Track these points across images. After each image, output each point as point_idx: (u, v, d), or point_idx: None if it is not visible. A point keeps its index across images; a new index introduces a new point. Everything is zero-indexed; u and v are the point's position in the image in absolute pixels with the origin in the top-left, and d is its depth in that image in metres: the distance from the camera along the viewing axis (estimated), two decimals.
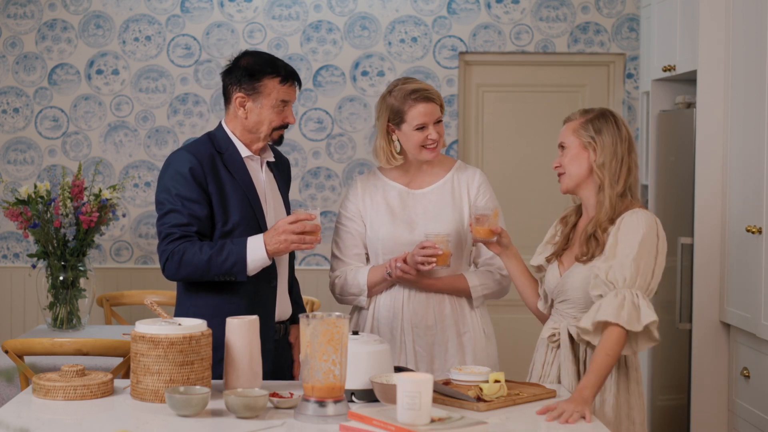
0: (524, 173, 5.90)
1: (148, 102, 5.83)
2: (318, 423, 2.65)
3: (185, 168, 3.21)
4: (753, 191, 4.31)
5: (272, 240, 3.15)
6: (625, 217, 3.07)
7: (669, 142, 5.19)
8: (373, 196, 3.55)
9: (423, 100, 3.45)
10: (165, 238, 3.21)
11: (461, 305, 3.52)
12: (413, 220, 3.50)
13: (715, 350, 4.66)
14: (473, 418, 2.64)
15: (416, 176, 3.56)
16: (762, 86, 4.21)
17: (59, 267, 4.70)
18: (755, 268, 4.26)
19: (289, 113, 3.31)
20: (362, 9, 5.82)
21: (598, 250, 3.09)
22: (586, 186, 3.17)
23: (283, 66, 3.33)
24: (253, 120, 3.28)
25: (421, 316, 3.47)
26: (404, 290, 3.48)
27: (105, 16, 5.81)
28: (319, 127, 5.84)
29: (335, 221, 3.64)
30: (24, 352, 3.74)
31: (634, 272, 2.99)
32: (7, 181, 5.73)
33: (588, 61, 5.91)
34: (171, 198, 3.21)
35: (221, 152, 3.28)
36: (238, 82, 3.29)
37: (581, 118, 3.18)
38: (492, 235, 3.30)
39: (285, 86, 3.29)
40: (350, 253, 3.55)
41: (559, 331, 3.18)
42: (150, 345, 2.84)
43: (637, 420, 3.12)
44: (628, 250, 3.01)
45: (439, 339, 3.47)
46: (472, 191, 3.54)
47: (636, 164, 3.16)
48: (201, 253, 3.16)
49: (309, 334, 2.65)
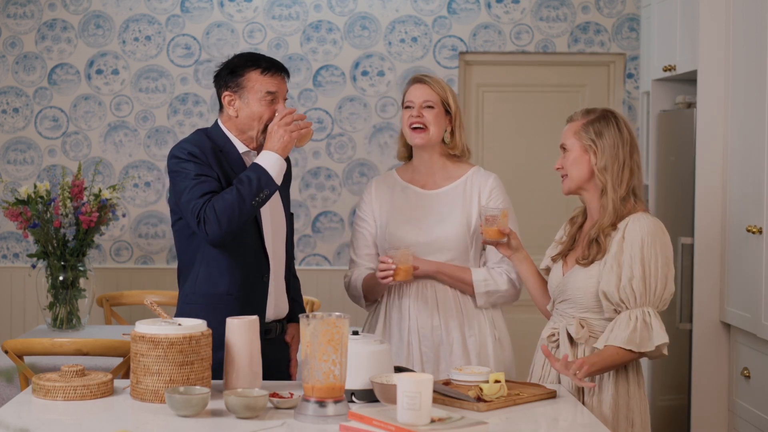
0: (524, 173, 5.90)
1: (148, 102, 5.83)
2: (318, 423, 2.65)
3: (193, 150, 3.21)
4: (753, 191, 4.31)
5: (274, 143, 3.19)
6: (628, 224, 3.06)
7: (669, 142, 5.19)
8: (384, 197, 3.57)
9: (415, 82, 3.53)
10: (193, 206, 3.16)
11: (466, 306, 3.50)
12: (420, 221, 3.51)
13: (716, 350, 4.66)
14: (473, 418, 2.64)
15: (431, 177, 3.56)
16: (762, 86, 4.21)
17: (59, 267, 4.70)
18: (755, 268, 4.25)
19: (280, 106, 3.27)
20: (362, 9, 5.82)
21: (599, 255, 3.09)
22: (589, 188, 3.17)
23: (265, 58, 3.30)
24: (244, 117, 3.26)
25: (427, 316, 3.46)
26: (412, 288, 3.48)
27: (105, 16, 5.81)
28: (319, 127, 5.83)
29: (354, 222, 3.67)
30: (24, 352, 3.74)
31: (643, 289, 3.01)
32: (7, 181, 5.73)
33: (588, 61, 5.91)
34: (187, 177, 3.19)
35: (221, 149, 3.27)
36: (224, 83, 3.29)
37: (582, 119, 3.16)
38: (501, 236, 3.30)
39: (267, 76, 3.25)
40: (362, 254, 3.58)
41: (558, 330, 3.18)
42: (150, 345, 2.84)
43: (637, 422, 3.11)
44: (635, 264, 3.02)
45: (445, 340, 3.47)
46: (484, 195, 3.52)
47: (639, 166, 3.14)
48: (228, 194, 3.13)
49: (309, 334, 2.65)
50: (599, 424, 2.75)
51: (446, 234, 3.47)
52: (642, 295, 3.01)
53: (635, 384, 3.13)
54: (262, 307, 3.29)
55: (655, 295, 3.02)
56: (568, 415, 2.89)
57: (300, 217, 5.84)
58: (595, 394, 3.09)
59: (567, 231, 3.29)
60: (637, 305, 3.01)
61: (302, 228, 5.83)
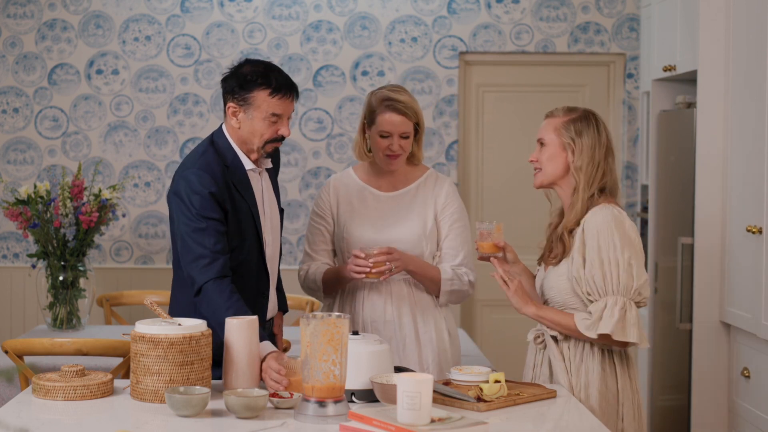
0: (524, 173, 5.88)
1: (148, 102, 5.83)
2: (318, 423, 2.65)
3: (205, 191, 3.14)
4: (753, 191, 4.31)
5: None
6: (587, 217, 3.11)
7: (669, 142, 5.19)
8: (343, 196, 3.61)
9: (392, 110, 3.48)
10: (199, 261, 3.12)
11: (422, 302, 3.55)
12: (376, 222, 3.56)
13: (716, 350, 4.66)
14: (473, 418, 2.64)
15: (387, 179, 3.61)
16: (762, 86, 4.21)
17: (59, 267, 4.70)
18: (755, 268, 4.25)
19: (282, 126, 3.21)
20: (362, 9, 5.81)
21: (566, 253, 3.12)
22: (562, 184, 3.22)
23: (277, 77, 3.20)
24: (245, 131, 3.22)
25: (380, 311, 3.51)
26: (365, 285, 3.52)
27: (105, 16, 5.81)
28: (319, 127, 5.83)
29: (310, 218, 3.70)
30: (24, 352, 3.74)
31: (601, 278, 3.06)
32: (7, 181, 5.73)
33: (588, 61, 5.91)
34: (195, 218, 3.13)
35: (227, 166, 3.22)
36: (231, 92, 3.21)
37: (564, 116, 3.20)
38: (497, 250, 3.31)
39: (275, 99, 3.17)
40: (318, 249, 3.63)
41: (542, 332, 3.20)
42: (150, 345, 2.84)
43: (629, 416, 3.12)
44: (594, 255, 3.06)
45: (398, 335, 3.52)
46: (440, 200, 3.58)
47: (612, 169, 3.19)
48: (210, 310, 3.09)
49: (309, 334, 2.65)
50: (599, 423, 2.75)
51: (401, 236, 3.52)
52: (601, 286, 3.03)
53: (624, 378, 3.14)
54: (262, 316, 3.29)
55: (619, 284, 3.03)
56: (568, 415, 2.89)
57: (300, 217, 5.84)
58: (582, 390, 3.11)
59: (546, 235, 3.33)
60: (600, 296, 3.04)
61: (302, 228, 5.83)
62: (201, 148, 3.26)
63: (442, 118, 5.84)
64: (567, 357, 3.15)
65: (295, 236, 5.84)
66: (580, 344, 3.14)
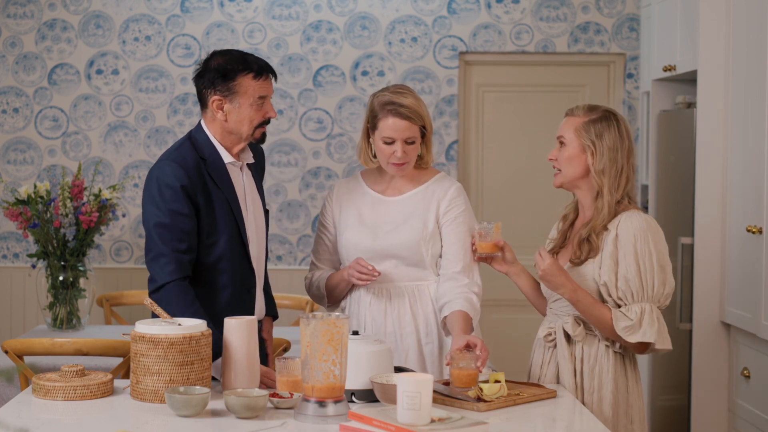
0: (525, 173, 5.90)
1: (148, 102, 5.83)
2: (318, 423, 2.65)
3: (176, 183, 3.14)
4: (753, 191, 4.31)
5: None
6: (620, 223, 3.06)
7: (669, 142, 5.19)
8: (345, 202, 3.49)
9: (395, 115, 3.31)
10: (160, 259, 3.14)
11: (426, 316, 3.41)
12: (375, 227, 3.43)
13: (716, 350, 4.66)
14: (473, 418, 2.64)
15: (392, 184, 3.47)
16: (762, 86, 4.21)
17: (59, 267, 4.70)
18: (755, 268, 4.26)
19: (268, 108, 3.24)
20: (362, 9, 5.82)
21: (592, 254, 3.09)
22: (581, 185, 3.16)
23: (255, 61, 3.24)
24: (233, 121, 3.21)
25: (380, 324, 3.40)
26: (368, 295, 3.42)
27: (105, 16, 5.81)
28: (319, 127, 5.83)
29: (317, 227, 3.63)
30: (24, 352, 3.74)
31: (639, 285, 3.03)
32: (7, 181, 5.73)
33: (588, 61, 5.91)
34: (161, 213, 3.14)
35: (204, 158, 3.22)
36: (212, 85, 3.20)
37: (584, 116, 3.13)
38: (496, 249, 3.28)
39: (260, 81, 3.21)
40: (323, 259, 3.53)
41: (554, 330, 3.18)
42: (150, 345, 2.84)
43: (636, 419, 3.12)
44: (630, 262, 3.03)
45: (399, 346, 3.39)
46: (444, 204, 3.41)
47: (634, 170, 3.13)
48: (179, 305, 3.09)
49: (309, 334, 2.65)
50: (599, 423, 2.75)
51: (398, 241, 3.38)
52: (639, 291, 3.01)
53: (633, 380, 3.13)
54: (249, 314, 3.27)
55: (653, 291, 3.02)
56: (567, 415, 2.89)
57: (300, 217, 5.84)
58: (594, 392, 3.09)
59: (559, 228, 3.28)
60: (635, 301, 3.02)
61: (302, 228, 5.83)
62: (178, 143, 3.30)
63: (442, 118, 5.84)
64: (579, 358, 3.13)
65: (295, 236, 5.84)
66: (595, 345, 3.11)
